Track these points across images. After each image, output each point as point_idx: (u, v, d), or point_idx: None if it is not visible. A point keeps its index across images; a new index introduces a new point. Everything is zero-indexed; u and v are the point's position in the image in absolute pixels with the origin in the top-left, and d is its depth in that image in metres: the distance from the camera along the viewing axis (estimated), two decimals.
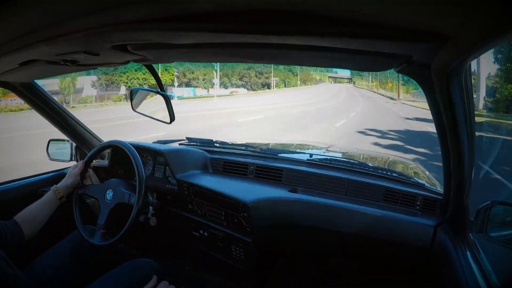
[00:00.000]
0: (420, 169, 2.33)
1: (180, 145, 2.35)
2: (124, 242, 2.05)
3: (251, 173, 2.00)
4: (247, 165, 2.01)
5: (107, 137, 2.15)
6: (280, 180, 1.92)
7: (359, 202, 1.74)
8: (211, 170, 2.10)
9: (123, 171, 2.17)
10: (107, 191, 1.76)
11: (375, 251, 1.68)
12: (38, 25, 0.78)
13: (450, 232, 1.42)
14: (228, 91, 40.20)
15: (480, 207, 1.30)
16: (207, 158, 2.12)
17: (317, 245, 1.79)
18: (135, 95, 1.70)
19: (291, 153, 2.39)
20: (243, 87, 45.10)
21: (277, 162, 2.04)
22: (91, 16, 0.69)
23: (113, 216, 1.74)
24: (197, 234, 1.93)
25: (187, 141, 2.43)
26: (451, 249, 1.30)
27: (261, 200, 1.67)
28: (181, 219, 1.99)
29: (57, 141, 2.23)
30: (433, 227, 1.49)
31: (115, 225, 2.08)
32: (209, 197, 1.82)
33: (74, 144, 2.17)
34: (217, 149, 2.25)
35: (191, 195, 1.89)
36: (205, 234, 1.90)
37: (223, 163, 2.07)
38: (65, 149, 2.20)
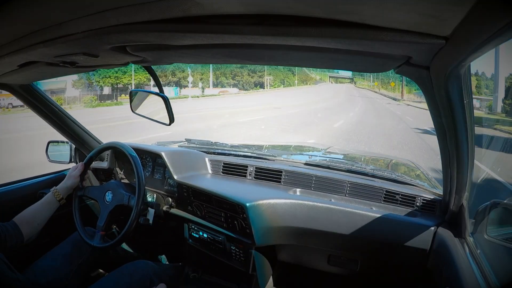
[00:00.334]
0: (419, 170, 2.33)
1: (179, 146, 2.35)
2: (124, 243, 2.05)
3: (250, 174, 2.00)
4: (247, 166, 2.01)
5: None
6: (279, 181, 1.92)
7: (358, 203, 1.74)
8: (210, 171, 2.10)
9: (122, 172, 2.17)
10: (107, 193, 1.75)
11: (375, 252, 1.68)
12: (37, 27, 0.78)
13: (449, 232, 1.42)
14: (216, 91, 38.16)
15: (479, 207, 1.31)
16: (206, 159, 2.11)
17: (316, 247, 1.79)
18: (134, 96, 1.70)
19: (290, 154, 2.39)
20: (235, 86, 43.44)
21: (276, 163, 2.04)
22: (90, 17, 0.69)
23: (113, 218, 1.73)
24: (197, 235, 1.93)
25: (186, 142, 2.43)
26: (451, 249, 1.30)
27: (261, 201, 1.67)
28: (180, 221, 1.99)
29: (56, 143, 2.23)
30: (432, 228, 1.49)
31: (115, 226, 2.08)
32: (209, 198, 1.81)
33: (73, 145, 2.17)
34: (216, 151, 2.25)
35: (191, 196, 1.89)
36: (205, 235, 1.89)
37: (223, 164, 2.07)
38: (65, 151, 2.20)
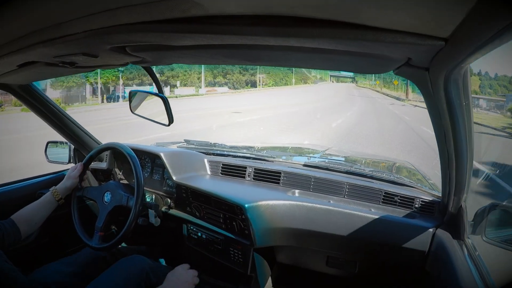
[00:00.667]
0: (418, 171, 2.33)
1: (178, 147, 2.35)
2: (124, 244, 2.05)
3: (249, 175, 2.00)
4: (245, 167, 2.01)
5: None
6: (278, 183, 1.92)
7: (357, 204, 1.74)
8: (209, 172, 2.10)
9: (121, 173, 2.17)
10: (105, 194, 1.75)
11: (374, 254, 1.68)
12: (36, 27, 0.78)
13: (448, 234, 1.42)
14: (204, 90, 36.22)
15: (478, 209, 1.31)
16: (205, 160, 2.11)
17: (315, 248, 1.79)
18: (133, 97, 1.70)
19: (289, 156, 2.39)
20: (225, 85, 41.53)
21: (275, 165, 2.04)
22: (90, 17, 0.69)
23: (112, 218, 1.73)
24: (196, 236, 1.93)
25: (185, 143, 2.43)
26: (450, 251, 1.30)
27: (260, 203, 1.67)
28: (179, 222, 1.99)
29: (55, 143, 2.22)
30: (431, 230, 1.49)
31: (114, 226, 2.08)
32: (208, 199, 1.81)
33: (72, 146, 2.17)
34: (215, 152, 2.25)
35: (190, 197, 1.89)
36: (203, 236, 1.89)
37: (221, 165, 2.07)
38: (64, 151, 2.20)
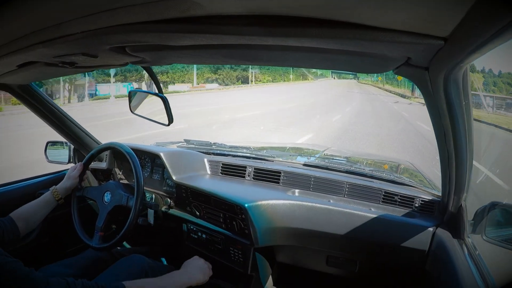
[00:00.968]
0: (418, 171, 2.33)
1: (178, 147, 2.35)
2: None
3: (249, 175, 2.00)
4: (245, 167, 2.01)
5: None
6: (278, 182, 1.92)
7: (357, 204, 1.74)
8: (209, 172, 2.10)
9: (121, 173, 2.17)
10: (105, 194, 1.75)
11: (374, 253, 1.68)
12: (36, 27, 0.78)
13: (448, 233, 1.42)
14: (187, 86, 32.42)
15: (478, 208, 1.31)
16: (205, 160, 2.11)
17: (315, 248, 1.79)
18: (133, 97, 1.70)
19: (289, 155, 2.39)
20: (215, 82, 37.94)
21: (275, 164, 2.04)
22: (89, 18, 0.69)
23: (112, 218, 1.73)
24: (196, 236, 1.93)
25: (185, 143, 2.43)
26: (450, 250, 1.30)
27: (259, 202, 1.67)
28: (179, 221, 1.99)
29: (55, 143, 2.22)
30: (431, 229, 1.49)
31: (114, 226, 2.08)
32: (207, 199, 1.81)
33: (72, 146, 2.17)
34: (215, 151, 2.25)
35: (189, 197, 1.89)
36: (204, 236, 1.89)
37: (221, 165, 2.07)
38: (64, 151, 2.20)
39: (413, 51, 0.70)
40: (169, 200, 2.00)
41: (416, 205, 1.68)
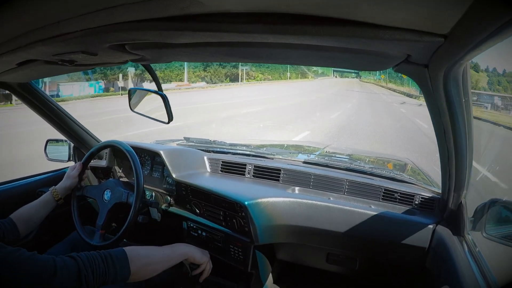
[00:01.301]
0: (418, 168, 2.33)
1: (178, 145, 2.35)
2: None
3: (249, 173, 2.00)
4: (245, 165, 2.01)
5: None
6: (278, 180, 1.92)
7: (357, 201, 1.74)
8: (209, 170, 2.10)
9: (121, 171, 2.17)
10: (105, 192, 1.75)
11: (374, 251, 1.68)
12: (35, 25, 0.78)
13: (448, 230, 1.43)
14: (173, 85, 30.26)
15: (478, 205, 1.31)
16: (205, 158, 2.11)
17: (315, 245, 1.79)
18: (133, 95, 1.70)
19: (289, 153, 2.39)
20: (203, 80, 35.16)
21: (275, 162, 2.04)
22: (89, 16, 0.69)
23: (112, 216, 1.73)
24: (196, 234, 1.93)
25: (185, 141, 2.43)
26: (450, 247, 1.30)
27: (259, 200, 1.67)
28: (179, 219, 1.99)
29: (55, 141, 2.22)
30: (431, 226, 1.49)
31: (114, 224, 2.07)
32: (207, 197, 1.81)
33: (72, 144, 2.17)
34: (215, 149, 2.25)
35: (189, 195, 1.89)
36: (203, 234, 1.89)
37: (221, 163, 2.07)
38: (63, 149, 2.20)
39: (413, 48, 0.70)
40: (169, 198, 2.00)
41: (416, 202, 1.68)
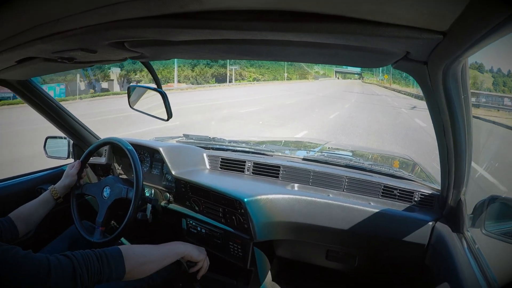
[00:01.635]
0: (417, 165, 2.33)
1: (177, 142, 2.35)
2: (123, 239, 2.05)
3: (248, 170, 2.00)
4: (244, 162, 2.01)
5: None
6: (277, 177, 1.92)
7: (356, 198, 1.75)
8: (208, 167, 2.10)
9: (120, 168, 2.17)
10: (105, 189, 1.75)
11: (373, 248, 1.68)
12: (35, 23, 0.77)
13: (447, 227, 1.43)
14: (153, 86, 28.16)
15: (478, 202, 1.31)
16: (204, 155, 2.11)
17: (314, 242, 1.79)
18: (132, 92, 1.70)
19: (288, 150, 2.39)
20: (187, 80, 32.73)
21: (274, 159, 2.04)
22: (88, 13, 0.69)
23: (112, 213, 1.74)
24: (195, 231, 1.93)
25: (184, 138, 2.43)
26: (449, 244, 1.30)
27: (259, 197, 1.67)
28: (178, 216, 1.99)
29: (54, 138, 2.22)
30: (430, 223, 1.49)
31: (114, 221, 2.08)
32: (207, 194, 1.81)
33: (71, 141, 2.17)
34: (214, 146, 2.25)
35: (189, 192, 1.89)
36: (203, 231, 1.90)
37: (220, 160, 2.07)
38: (63, 146, 2.20)
39: (412, 45, 0.70)
40: (168, 195, 2.00)
41: (415, 199, 1.68)
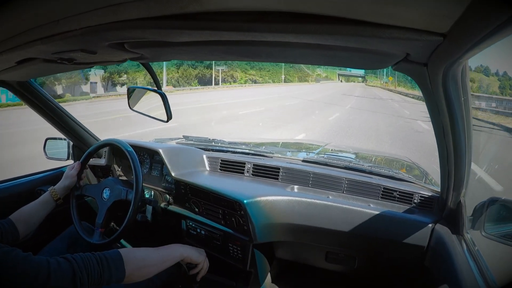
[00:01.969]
0: (417, 167, 2.33)
1: (177, 143, 2.35)
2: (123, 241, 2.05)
3: (248, 171, 2.00)
4: (244, 163, 2.01)
5: None
6: (277, 178, 1.92)
7: (356, 200, 1.75)
8: (208, 168, 2.10)
9: (120, 169, 2.17)
10: (104, 190, 1.75)
11: (373, 249, 1.68)
12: (35, 24, 0.78)
13: (447, 229, 1.43)
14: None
15: (477, 204, 1.31)
16: (204, 156, 2.11)
17: (314, 244, 1.79)
18: (132, 93, 1.70)
19: (288, 151, 2.39)
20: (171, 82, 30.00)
21: (274, 160, 2.04)
22: (88, 14, 0.69)
23: (111, 214, 1.73)
24: (195, 232, 1.93)
25: (184, 139, 2.43)
26: (449, 246, 1.30)
27: (258, 198, 1.67)
28: (178, 218, 1.99)
29: (54, 139, 2.22)
30: (430, 225, 1.49)
31: (113, 223, 2.07)
32: (206, 195, 1.81)
33: (71, 142, 2.16)
34: (214, 148, 2.25)
35: (188, 193, 1.89)
36: (202, 232, 1.90)
37: (220, 161, 2.07)
38: (62, 147, 2.19)
39: (412, 47, 0.70)
40: (168, 196, 2.00)
41: (415, 201, 1.68)
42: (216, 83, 32.96)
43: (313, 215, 1.65)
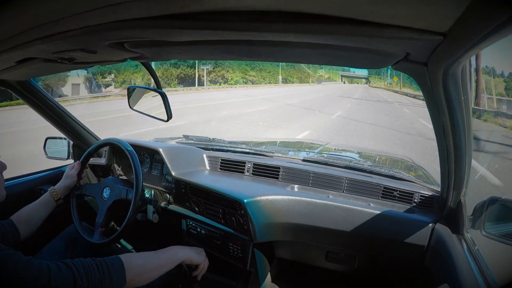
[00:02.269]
0: (417, 166, 2.33)
1: (177, 143, 2.35)
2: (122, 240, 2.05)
3: (248, 171, 2.00)
4: (244, 163, 2.01)
5: None
6: (277, 178, 1.92)
7: (356, 199, 1.75)
8: (208, 168, 2.10)
9: (120, 169, 2.17)
10: (104, 189, 1.75)
11: (373, 249, 1.68)
12: (35, 23, 0.78)
13: (447, 229, 1.43)
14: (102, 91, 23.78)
15: (478, 203, 1.31)
16: (204, 156, 2.11)
17: (314, 243, 1.79)
18: (132, 93, 1.70)
19: (288, 151, 2.39)
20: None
21: (274, 160, 2.04)
22: (88, 14, 0.69)
23: (112, 214, 1.73)
24: (195, 232, 1.93)
25: (184, 139, 2.43)
26: (449, 245, 1.30)
27: (259, 198, 1.67)
28: (178, 217, 1.99)
29: (54, 139, 2.22)
30: (430, 224, 1.49)
31: (113, 222, 2.07)
32: (207, 195, 1.81)
33: (71, 142, 2.16)
34: (214, 147, 2.25)
35: (188, 193, 1.89)
36: (203, 232, 1.90)
37: (220, 161, 2.07)
38: (62, 147, 2.19)
39: (412, 46, 0.70)
40: (168, 196, 2.00)
41: (415, 200, 1.68)
42: (200, 84, 30.65)
43: (313, 214, 1.65)
